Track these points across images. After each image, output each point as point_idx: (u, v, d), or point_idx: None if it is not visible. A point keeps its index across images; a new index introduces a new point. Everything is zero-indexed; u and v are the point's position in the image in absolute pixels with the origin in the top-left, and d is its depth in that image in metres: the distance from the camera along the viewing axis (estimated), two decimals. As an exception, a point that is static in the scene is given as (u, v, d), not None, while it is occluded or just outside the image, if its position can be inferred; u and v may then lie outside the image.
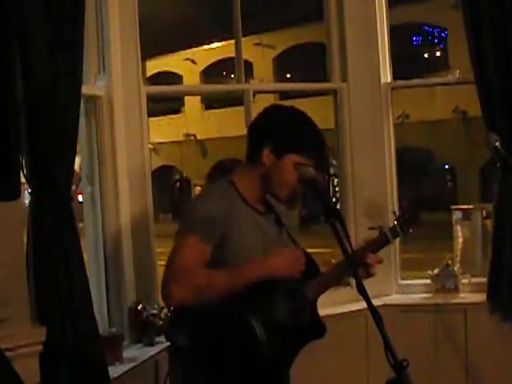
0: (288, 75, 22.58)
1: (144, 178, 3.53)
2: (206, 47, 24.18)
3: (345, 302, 3.77)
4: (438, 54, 21.34)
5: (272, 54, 23.20)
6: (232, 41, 4.02)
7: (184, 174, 26.32)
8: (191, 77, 24.21)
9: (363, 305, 2.04)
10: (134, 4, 3.51)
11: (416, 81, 4.93)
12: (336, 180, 16.77)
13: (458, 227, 9.51)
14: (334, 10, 4.01)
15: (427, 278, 4.04)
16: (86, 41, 3.09)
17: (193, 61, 24.81)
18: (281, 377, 2.42)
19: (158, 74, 24.57)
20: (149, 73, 23.65)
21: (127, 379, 3.06)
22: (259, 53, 22.42)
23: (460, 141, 18.51)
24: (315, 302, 2.46)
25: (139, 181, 3.51)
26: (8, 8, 2.50)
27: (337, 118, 4.07)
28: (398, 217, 2.55)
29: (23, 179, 2.72)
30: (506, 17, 3.54)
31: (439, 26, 20.51)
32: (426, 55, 21.75)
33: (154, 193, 3.61)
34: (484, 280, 3.78)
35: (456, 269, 4.04)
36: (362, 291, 2.04)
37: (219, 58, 22.89)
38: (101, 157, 3.41)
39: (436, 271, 4.02)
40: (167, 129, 24.37)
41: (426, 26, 21.16)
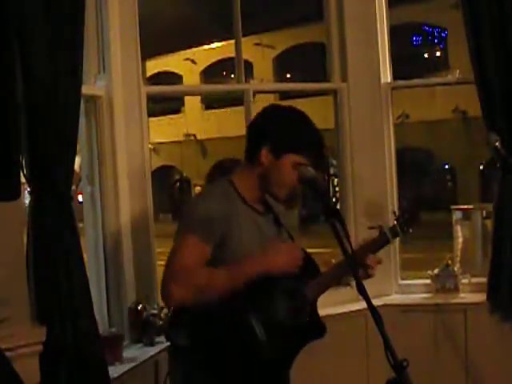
0: (288, 75, 22.58)
1: (144, 178, 3.53)
2: (206, 47, 24.18)
3: (345, 302, 3.77)
4: (438, 54, 21.33)
5: (272, 54, 23.20)
6: (232, 41, 4.02)
7: (184, 174, 26.32)
8: (191, 77, 24.20)
9: (363, 305, 2.04)
10: (134, 4, 3.51)
11: (416, 81, 4.93)
12: (336, 180, 16.77)
13: (458, 227, 9.51)
14: (334, 10, 4.02)
15: (427, 278, 4.04)
16: (86, 41, 3.09)
17: (193, 61, 24.81)
18: (281, 377, 2.42)
19: (158, 74, 24.57)
20: (149, 73, 23.65)
21: (127, 379, 3.06)
22: (259, 53, 22.42)
23: (460, 141, 18.50)
24: (315, 302, 2.46)
25: (139, 181, 3.51)
26: (8, 8, 2.50)
27: (337, 118, 4.07)
28: (398, 216, 2.55)
29: (23, 179, 2.73)
30: (506, 17, 3.54)
31: (439, 26, 20.51)
32: (426, 55, 21.75)
33: (154, 193, 3.61)
34: (484, 280, 3.78)
35: (456, 269, 4.04)
36: (362, 291, 2.04)
37: (219, 58, 22.89)
38: (101, 157, 3.41)
39: (436, 271, 4.02)
40: (167, 129, 24.37)
41: (426, 26, 21.16)
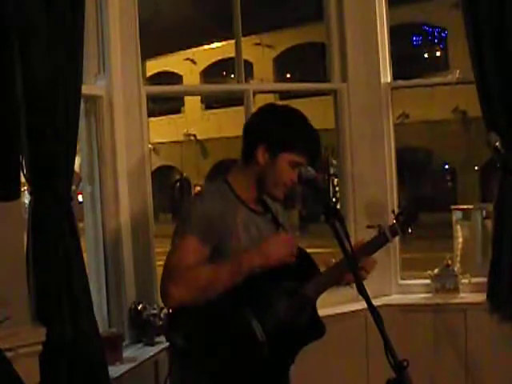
0: (288, 75, 22.59)
1: (144, 178, 3.53)
2: (206, 47, 24.19)
3: (345, 302, 3.76)
4: (438, 54, 21.34)
5: (272, 54, 23.21)
6: (232, 41, 4.01)
7: (184, 174, 26.33)
8: (191, 77, 24.21)
9: (363, 305, 2.04)
10: (134, 4, 3.51)
11: (416, 81, 4.93)
12: (336, 180, 16.76)
13: (458, 227, 9.52)
14: (334, 10, 4.01)
15: (427, 278, 4.04)
16: (86, 41, 3.08)
17: (193, 61, 24.81)
18: (281, 377, 2.42)
19: (158, 74, 24.57)
20: (149, 73, 23.66)
21: (127, 379, 3.06)
22: (259, 53, 22.43)
23: (460, 141, 18.50)
24: (315, 302, 2.46)
25: (139, 181, 3.51)
26: (8, 8, 2.51)
27: (337, 118, 4.07)
28: (397, 216, 2.55)
29: (23, 179, 2.73)
30: (507, 17, 3.53)
31: (439, 26, 20.51)
32: (426, 55, 21.76)
33: (154, 193, 3.60)
34: (484, 280, 3.77)
35: (456, 269, 4.03)
36: (362, 291, 2.04)
37: (219, 58, 22.90)
38: (101, 157, 3.41)
39: (436, 271, 4.02)
40: (167, 129, 24.38)
41: (426, 26, 21.16)
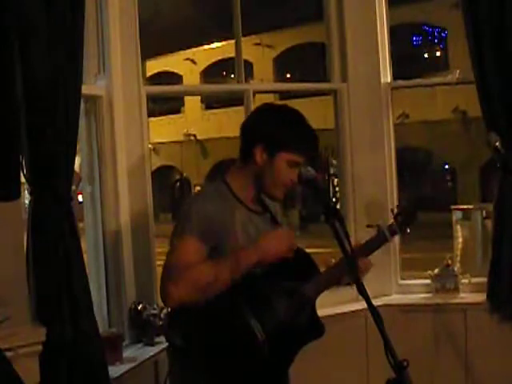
0: (288, 75, 22.59)
1: (144, 178, 3.53)
2: (206, 47, 24.18)
3: (345, 302, 3.76)
4: (438, 54, 21.33)
5: (272, 54, 23.20)
6: (232, 41, 4.01)
7: (184, 174, 26.32)
8: (191, 77, 24.20)
9: (363, 305, 2.04)
10: (134, 4, 3.51)
11: (416, 81, 4.93)
12: (336, 180, 16.77)
13: (458, 227, 9.52)
14: (334, 10, 4.01)
15: (427, 278, 4.04)
16: (86, 41, 3.08)
17: (193, 61, 24.81)
18: (280, 377, 2.42)
19: (158, 74, 24.57)
20: (149, 73, 23.65)
21: (127, 379, 3.06)
22: (259, 53, 22.42)
23: (460, 141, 18.50)
24: (314, 302, 2.46)
25: (139, 181, 3.51)
26: (8, 8, 2.51)
27: (337, 118, 4.07)
28: (396, 215, 2.55)
29: (23, 179, 2.73)
30: (507, 17, 3.53)
31: (439, 26, 20.50)
32: (426, 55, 21.75)
33: (154, 193, 3.60)
34: (484, 280, 3.77)
35: (456, 269, 4.03)
36: (362, 291, 2.04)
37: (219, 58, 22.89)
38: (101, 157, 3.41)
39: (436, 271, 4.02)
40: (167, 129, 24.38)
41: (426, 26, 21.15)
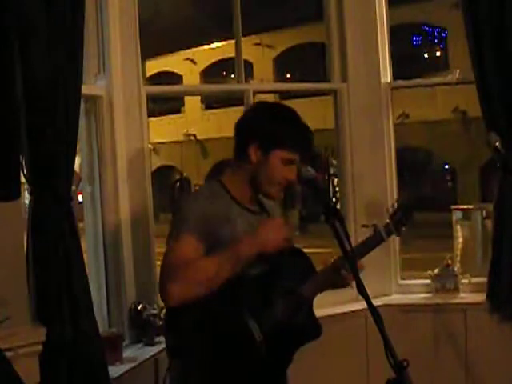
0: (288, 75, 22.59)
1: (144, 178, 3.53)
2: (206, 47, 24.18)
3: (345, 302, 3.76)
4: (438, 54, 21.32)
5: (272, 54, 23.19)
6: (232, 41, 4.01)
7: (184, 174, 26.32)
8: (191, 77, 24.19)
9: (363, 305, 2.04)
10: (134, 4, 3.51)
11: (416, 81, 4.93)
12: (336, 180, 16.76)
13: (458, 227, 9.51)
14: (334, 10, 4.01)
15: (427, 278, 4.04)
16: (86, 41, 3.08)
17: (193, 61, 24.80)
18: (278, 377, 2.41)
19: (158, 74, 24.57)
20: (149, 73, 23.64)
21: (127, 379, 3.06)
22: (259, 53, 22.42)
23: (460, 141, 18.49)
24: (311, 302, 2.45)
25: (139, 181, 3.51)
26: (8, 8, 2.51)
27: (337, 118, 4.07)
28: (392, 215, 2.55)
29: (23, 179, 2.73)
30: (507, 17, 3.53)
31: (439, 26, 20.50)
32: (426, 55, 21.75)
33: (154, 193, 3.60)
34: (484, 280, 3.77)
35: (456, 269, 4.03)
36: (362, 291, 2.04)
37: (219, 58, 22.88)
38: (101, 157, 3.41)
39: (436, 271, 4.02)
40: (167, 129, 24.36)
41: (426, 26, 21.15)
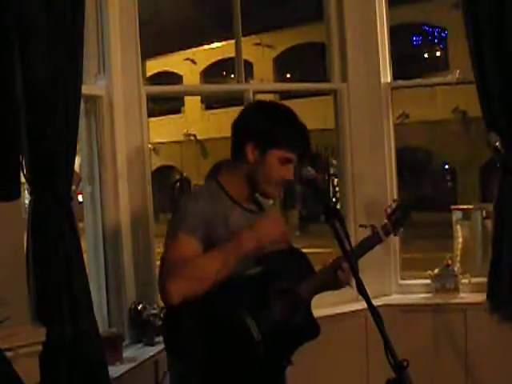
0: (288, 75, 22.59)
1: (144, 178, 3.53)
2: (206, 47, 24.18)
3: (345, 302, 3.76)
4: (438, 54, 21.33)
5: (272, 54, 23.20)
6: (232, 41, 4.01)
7: (184, 174, 26.31)
8: (191, 77, 24.20)
9: (363, 305, 2.04)
10: (134, 4, 3.51)
11: (416, 81, 4.93)
12: (336, 180, 16.76)
13: (458, 227, 9.52)
14: (334, 10, 4.02)
15: (427, 278, 4.04)
16: (86, 41, 3.08)
17: (193, 61, 24.81)
18: (276, 377, 2.40)
19: (158, 74, 24.57)
20: (149, 73, 23.64)
21: (127, 379, 3.06)
22: (259, 53, 22.42)
23: (460, 141, 18.50)
24: (309, 302, 2.44)
25: (139, 181, 3.51)
26: (8, 8, 2.51)
27: (337, 118, 4.07)
28: (390, 215, 2.54)
29: (23, 179, 2.73)
30: (507, 17, 3.53)
31: (439, 26, 20.51)
32: (426, 55, 21.75)
33: (154, 193, 3.60)
34: (484, 280, 3.77)
35: (456, 269, 4.03)
36: (362, 291, 2.04)
37: (219, 58, 22.88)
38: (101, 157, 3.41)
39: (436, 271, 4.02)
40: (167, 129, 24.36)
41: (426, 26, 21.16)
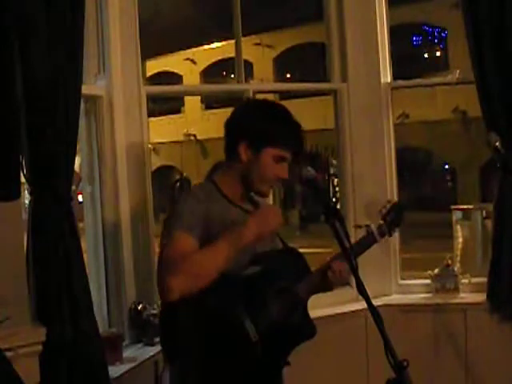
0: (288, 75, 22.60)
1: (144, 178, 3.53)
2: (206, 47, 24.19)
3: (345, 302, 3.76)
4: (438, 54, 21.34)
5: (272, 54, 23.21)
6: (232, 41, 4.01)
7: (184, 174, 26.28)
8: (191, 77, 24.20)
9: (363, 305, 2.04)
10: (134, 4, 3.51)
11: (416, 81, 4.93)
12: (336, 180, 16.76)
13: (458, 227, 9.52)
14: (334, 10, 4.02)
15: (427, 278, 4.04)
16: (86, 41, 3.08)
17: (193, 61, 24.81)
18: (274, 377, 2.40)
19: (158, 74, 24.57)
20: (149, 73, 23.65)
21: (127, 379, 3.06)
22: (259, 53, 22.43)
23: (460, 141, 18.51)
24: (306, 302, 2.43)
25: (139, 181, 3.51)
26: (8, 8, 2.51)
27: (337, 118, 4.07)
28: (385, 215, 2.54)
29: (23, 179, 2.73)
30: (507, 17, 3.53)
31: (439, 26, 20.52)
32: (426, 55, 21.76)
33: (154, 193, 3.60)
34: (484, 280, 3.77)
35: (456, 269, 4.04)
36: (362, 291, 2.04)
37: (219, 58, 22.89)
38: (101, 157, 3.41)
39: (436, 271, 4.02)
40: (167, 129, 24.37)
41: (426, 26, 21.16)
